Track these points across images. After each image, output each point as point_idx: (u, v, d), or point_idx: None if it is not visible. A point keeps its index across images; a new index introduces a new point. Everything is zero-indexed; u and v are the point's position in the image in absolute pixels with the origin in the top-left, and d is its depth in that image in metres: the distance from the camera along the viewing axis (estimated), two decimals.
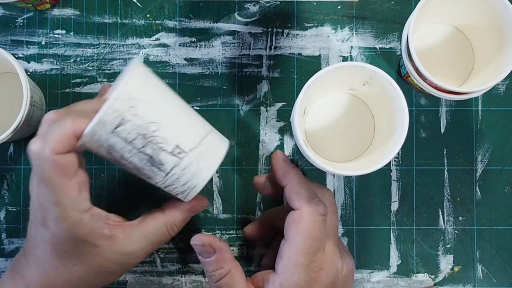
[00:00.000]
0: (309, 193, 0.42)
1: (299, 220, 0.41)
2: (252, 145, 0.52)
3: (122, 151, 0.39)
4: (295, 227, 0.41)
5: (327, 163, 0.45)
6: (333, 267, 0.42)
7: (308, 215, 0.41)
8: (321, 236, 0.42)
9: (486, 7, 0.45)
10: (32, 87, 0.47)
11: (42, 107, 0.51)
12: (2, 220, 0.52)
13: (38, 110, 0.49)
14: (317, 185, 0.46)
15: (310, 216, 0.41)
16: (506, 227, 0.52)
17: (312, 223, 0.41)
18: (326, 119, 0.50)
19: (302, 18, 0.53)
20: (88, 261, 0.41)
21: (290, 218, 0.42)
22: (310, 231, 0.41)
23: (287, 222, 0.42)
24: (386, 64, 0.52)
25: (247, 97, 0.52)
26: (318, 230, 0.41)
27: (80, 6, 0.52)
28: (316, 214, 0.41)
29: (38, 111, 0.49)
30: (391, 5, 0.53)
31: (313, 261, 0.41)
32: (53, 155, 0.37)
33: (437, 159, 0.52)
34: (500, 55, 0.45)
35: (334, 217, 0.45)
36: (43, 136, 0.38)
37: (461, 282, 0.52)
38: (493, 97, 0.52)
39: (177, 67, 0.52)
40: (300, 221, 0.41)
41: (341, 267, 0.43)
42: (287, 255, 0.42)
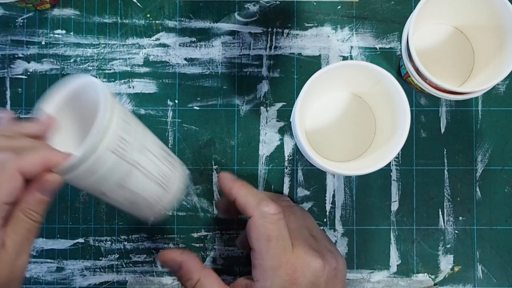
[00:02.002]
0: (256, 199, 0.43)
1: (254, 225, 0.42)
2: (252, 145, 0.52)
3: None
4: (254, 234, 0.42)
5: (328, 162, 0.45)
6: (308, 267, 0.42)
7: (260, 218, 0.42)
8: (281, 236, 0.42)
9: (486, 7, 0.45)
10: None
11: None
12: None
13: None
14: (272, 194, 0.48)
15: (261, 219, 0.42)
16: (506, 227, 0.52)
17: (266, 225, 0.41)
18: (327, 118, 0.50)
19: (302, 18, 0.53)
20: None
21: (248, 228, 0.43)
22: (267, 232, 0.41)
23: (247, 232, 0.43)
24: (386, 64, 0.52)
25: (247, 97, 0.52)
26: (275, 230, 0.41)
27: (80, 6, 0.52)
28: (268, 215, 0.42)
29: None
30: (391, 5, 0.53)
31: (283, 263, 0.41)
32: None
33: (437, 159, 0.52)
34: (500, 55, 0.45)
35: (293, 218, 0.45)
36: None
37: (461, 282, 0.52)
38: (493, 97, 0.52)
39: (177, 67, 0.52)
40: (255, 226, 0.42)
41: (321, 266, 0.43)
42: (257, 263, 0.42)
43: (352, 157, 0.50)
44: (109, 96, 0.38)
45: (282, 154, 0.52)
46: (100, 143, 0.37)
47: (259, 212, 0.42)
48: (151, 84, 0.52)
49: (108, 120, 0.37)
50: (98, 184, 0.39)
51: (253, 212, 0.42)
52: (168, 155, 0.43)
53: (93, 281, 0.52)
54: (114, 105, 0.38)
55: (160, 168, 0.42)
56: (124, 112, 0.40)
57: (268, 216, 0.42)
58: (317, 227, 0.48)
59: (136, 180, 0.40)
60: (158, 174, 0.42)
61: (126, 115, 0.40)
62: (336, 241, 0.52)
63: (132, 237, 0.52)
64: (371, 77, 0.44)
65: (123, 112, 0.39)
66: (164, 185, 0.42)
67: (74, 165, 0.37)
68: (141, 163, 0.40)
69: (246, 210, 0.43)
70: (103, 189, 0.40)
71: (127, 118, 0.40)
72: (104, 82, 0.52)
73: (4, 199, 0.35)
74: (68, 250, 0.52)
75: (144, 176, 0.41)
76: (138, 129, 0.40)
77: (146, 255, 0.52)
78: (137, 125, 0.41)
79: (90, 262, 0.52)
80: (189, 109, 0.52)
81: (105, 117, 0.37)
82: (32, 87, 0.52)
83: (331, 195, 0.52)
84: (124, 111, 0.40)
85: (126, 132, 0.39)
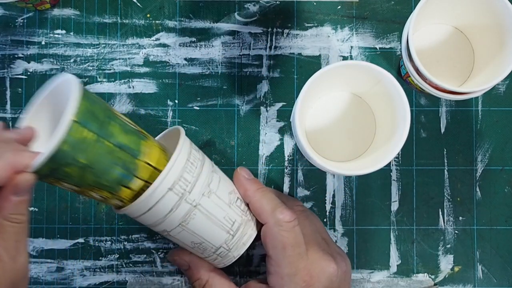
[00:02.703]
0: (271, 205, 0.42)
1: (269, 233, 0.42)
2: (252, 145, 0.52)
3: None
4: (270, 241, 0.42)
5: (328, 162, 0.45)
6: (323, 272, 0.42)
7: (275, 226, 0.42)
8: (297, 243, 0.42)
9: (486, 7, 0.45)
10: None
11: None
12: None
13: None
14: (284, 196, 0.47)
15: (277, 227, 0.41)
16: (506, 227, 0.52)
17: (282, 232, 0.41)
18: (327, 118, 0.50)
19: (302, 18, 0.53)
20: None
21: (263, 234, 0.43)
22: (283, 240, 0.41)
23: (262, 239, 0.43)
24: (386, 64, 0.52)
25: (247, 97, 0.52)
26: (291, 237, 0.41)
27: (80, 6, 0.52)
28: (283, 223, 0.41)
29: None
30: (391, 5, 0.53)
31: (299, 270, 0.41)
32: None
33: (437, 159, 0.52)
34: (500, 55, 0.45)
35: (308, 223, 0.45)
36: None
37: (461, 282, 0.52)
38: (493, 97, 0.52)
39: (177, 67, 0.52)
40: (270, 234, 0.42)
41: (335, 271, 0.43)
42: (273, 270, 0.42)
43: (352, 157, 0.50)
44: (186, 140, 0.41)
45: (282, 154, 0.52)
46: (161, 183, 0.38)
47: (274, 220, 0.42)
48: (151, 84, 0.52)
49: (176, 161, 0.39)
50: (164, 223, 0.40)
51: (268, 219, 0.42)
52: (241, 201, 0.43)
53: (93, 281, 0.52)
54: (186, 146, 0.40)
55: (228, 213, 0.42)
56: (190, 152, 0.41)
57: (283, 224, 0.41)
58: (325, 230, 0.49)
59: (196, 221, 0.41)
60: (224, 219, 0.42)
61: (192, 155, 0.41)
62: (336, 241, 0.52)
63: (132, 237, 0.52)
64: (371, 77, 0.44)
65: (189, 153, 0.40)
66: (233, 231, 0.42)
67: (140, 203, 0.39)
68: (203, 204, 0.40)
69: (261, 216, 0.43)
70: (170, 228, 0.41)
71: (193, 158, 0.41)
72: (104, 83, 0.52)
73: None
74: (68, 250, 0.52)
75: (205, 218, 0.41)
76: (203, 171, 0.41)
77: (146, 255, 0.52)
78: (201, 167, 0.41)
79: (90, 262, 0.52)
80: (189, 109, 0.52)
81: (175, 160, 0.39)
82: (32, 87, 0.52)
83: (331, 195, 0.52)
84: (190, 151, 0.41)
85: (188, 171, 0.40)
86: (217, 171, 0.43)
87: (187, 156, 0.40)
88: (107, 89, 0.52)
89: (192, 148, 0.42)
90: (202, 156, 0.42)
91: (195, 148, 0.42)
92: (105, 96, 0.52)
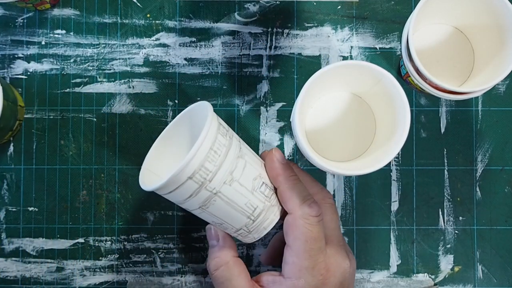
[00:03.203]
0: (301, 196, 0.42)
1: (294, 224, 0.42)
2: (252, 145, 0.52)
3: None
4: (292, 232, 0.42)
5: (328, 162, 0.45)
6: (339, 267, 0.43)
7: (301, 218, 0.41)
8: (319, 237, 0.42)
9: (486, 7, 0.45)
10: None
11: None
12: (2, 220, 0.52)
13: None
14: (317, 186, 0.46)
15: (303, 219, 0.41)
16: (506, 227, 0.52)
17: (307, 226, 0.41)
18: (327, 118, 0.50)
19: (302, 18, 0.53)
20: None
21: (286, 223, 0.43)
22: (307, 233, 0.41)
23: (285, 228, 0.43)
24: (386, 64, 0.52)
25: (247, 97, 0.52)
26: (315, 231, 0.41)
27: (80, 6, 0.52)
28: (309, 217, 0.41)
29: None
30: (391, 5, 0.53)
31: (318, 263, 0.41)
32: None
33: (437, 159, 0.52)
34: (500, 55, 0.45)
35: (335, 217, 0.45)
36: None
37: (461, 282, 0.52)
38: (493, 97, 0.52)
39: (177, 67, 0.52)
40: (295, 225, 0.42)
41: (348, 267, 0.43)
42: (291, 260, 0.42)
43: (352, 157, 0.50)
44: (213, 124, 0.41)
45: None
46: (182, 171, 0.39)
47: (301, 212, 0.42)
48: (151, 84, 0.52)
49: (197, 150, 0.39)
50: (185, 205, 0.42)
51: (295, 210, 0.42)
52: (265, 187, 0.43)
53: (93, 281, 0.52)
54: (210, 134, 0.40)
55: (249, 200, 0.42)
56: (214, 141, 0.40)
57: (309, 218, 0.41)
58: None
59: (216, 207, 0.41)
60: (245, 205, 0.42)
61: (217, 143, 0.41)
62: None
63: (132, 237, 0.52)
64: (371, 77, 0.44)
65: (213, 141, 0.40)
66: (254, 217, 0.42)
67: (161, 187, 0.40)
68: (224, 192, 0.41)
69: (287, 204, 0.42)
70: (191, 208, 0.42)
71: (217, 146, 0.40)
72: (104, 83, 0.52)
73: None
74: (68, 250, 0.52)
75: (225, 205, 0.41)
76: (226, 159, 0.41)
77: (146, 255, 0.52)
78: (226, 155, 0.41)
79: (90, 262, 0.52)
80: None
81: (196, 150, 0.39)
82: (32, 87, 0.52)
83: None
84: (215, 139, 0.41)
85: (210, 161, 0.40)
86: (244, 155, 0.42)
87: (211, 144, 0.40)
88: (107, 89, 0.52)
89: (219, 132, 0.41)
90: (229, 140, 0.42)
91: (223, 131, 0.42)
92: (105, 96, 0.52)
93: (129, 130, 0.52)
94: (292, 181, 0.43)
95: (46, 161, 0.52)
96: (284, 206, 0.43)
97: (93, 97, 0.52)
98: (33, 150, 0.52)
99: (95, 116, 0.52)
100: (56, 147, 0.52)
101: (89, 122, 0.52)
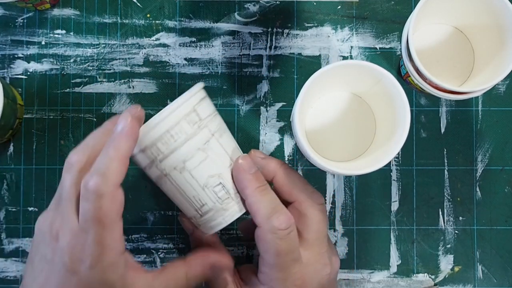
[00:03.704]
0: (269, 209, 0.40)
1: (263, 238, 0.40)
2: (252, 145, 0.52)
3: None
4: (262, 245, 0.41)
5: (328, 162, 0.45)
6: (317, 275, 0.42)
7: (268, 233, 0.40)
8: (291, 249, 0.40)
9: (486, 7, 0.45)
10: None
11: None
12: (2, 220, 0.52)
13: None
14: (306, 191, 0.43)
15: (271, 234, 0.40)
16: (506, 227, 0.52)
17: (275, 240, 0.40)
18: (327, 118, 0.50)
19: (302, 18, 0.53)
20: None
21: (256, 236, 0.41)
22: (275, 247, 0.40)
23: (256, 240, 0.41)
24: (386, 64, 0.52)
25: (247, 97, 0.52)
26: (284, 245, 0.40)
27: (80, 6, 0.52)
28: (278, 231, 0.39)
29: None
30: (391, 5, 0.53)
31: (291, 275, 0.40)
32: (114, 190, 0.36)
33: (437, 159, 0.52)
34: (500, 55, 0.45)
35: (322, 223, 0.43)
36: (96, 171, 0.36)
37: (461, 282, 0.52)
38: (493, 97, 0.52)
39: (177, 67, 0.52)
40: (264, 239, 0.40)
41: (327, 274, 0.42)
42: (263, 270, 0.41)
43: (352, 157, 0.50)
44: (182, 108, 0.40)
45: (282, 154, 0.52)
46: (142, 140, 0.39)
47: (269, 226, 0.40)
48: (151, 84, 0.52)
49: (159, 123, 0.39)
50: (147, 174, 0.42)
51: (262, 224, 0.40)
52: (222, 188, 0.41)
53: None
54: (172, 118, 0.39)
55: (199, 194, 0.41)
56: (175, 125, 0.39)
57: (278, 232, 0.40)
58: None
59: (167, 187, 0.41)
60: (193, 198, 0.41)
61: (177, 128, 0.39)
62: (336, 241, 0.52)
63: (132, 237, 0.52)
64: (371, 77, 0.44)
65: (173, 125, 0.39)
66: (201, 212, 0.42)
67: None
68: (173, 177, 0.41)
69: (255, 218, 0.41)
70: (152, 179, 0.42)
71: (175, 131, 0.39)
72: (104, 83, 0.52)
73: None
74: None
75: (175, 189, 0.41)
76: (183, 147, 0.40)
77: (146, 255, 0.52)
78: (183, 142, 0.40)
79: None
80: None
81: (159, 118, 0.39)
82: (32, 87, 0.52)
83: (331, 195, 0.52)
84: (176, 124, 0.39)
85: (164, 143, 0.39)
86: (208, 150, 0.41)
87: (168, 127, 0.39)
88: (107, 89, 0.52)
89: (186, 119, 0.40)
90: (196, 129, 0.40)
91: (193, 119, 0.40)
92: (105, 96, 0.52)
93: None
94: (259, 193, 0.41)
95: (46, 161, 0.52)
96: (253, 219, 0.41)
97: (93, 97, 0.52)
98: (33, 150, 0.52)
99: (95, 116, 0.52)
100: (56, 147, 0.52)
101: (89, 122, 0.52)
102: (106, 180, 0.35)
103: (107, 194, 0.35)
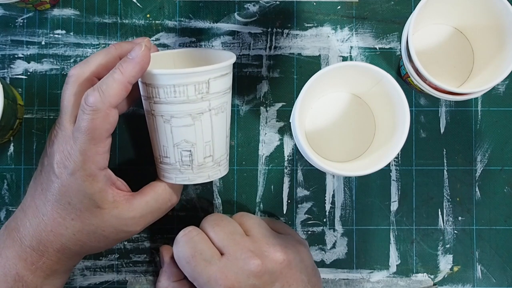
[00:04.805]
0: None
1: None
2: (252, 145, 0.52)
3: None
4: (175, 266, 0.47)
5: (327, 163, 0.45)
6: (242, 270, 0.42)
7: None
8: (197, 252, 0.43)
9: (486, 7, 0.45)
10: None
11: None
12: (2, 220, 0.52)
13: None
14: (278, 225, 0.49)
15: (175, 253, 0.45)
16: (506, 227, 0.52)
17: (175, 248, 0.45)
18: (327, 119, 0.50)
19: (302, 18, 0.53)
20: (86, 219, 0.42)
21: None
22: (176, 254, 0.45)
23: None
24: (386, 64, 0.53)
25: (247, 97, 0.52)
26: (186, 251, 0.44)
27: (80, 6, 0.52)
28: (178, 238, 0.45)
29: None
30: (391, 5, 0.53)
31: (211, 275, 0.43)
32: (109, 109, 0.39)
33: (436, 159, 0.52)
34: (500, 55, 0.45)
35: (263, 224, 0.47)
36: (98, 88, 0.40)
37: (460, 282, 0.52)
38: (493, 97, 0.53)
39: None
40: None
41: (257, 266, 0.42)
42: (191, 280, 0.44)
43: (352, 157, 0.50)
44: (194, 75, 0.42)
45: (282, 154, 0.52)
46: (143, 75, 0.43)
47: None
48: None
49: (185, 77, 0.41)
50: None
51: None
52: (189, 159, 0.44)
53: (93, 281, 0.52)
54: (184, 77, 0.41)
55: (168, 147, 0.44)
56: (180, 84, 0.41)
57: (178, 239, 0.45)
58: (259, 223, 0.47)
59: (149, 123, 0.45)
60: (162, 145, 0.44)
61: (181, 88, 0.42)
62: (336, 241, 0.52)
63: (132, 237, 0.52)
64: (370, 77, 0.44)
65: (179, 83, 0.41)
66: (161, 159, 0.45)
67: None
68: (157, 120, 0.43)
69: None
70: (144, 106, 0.45)
71: (179, 90, 0.42)
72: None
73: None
74: None
75: (153, 129, 0.44)
76: (174, 106, 0.42)
77: (146, 255, 0.52)
78: (177, 103, 0.42)
79: (90, 262, 0.52)
80: None
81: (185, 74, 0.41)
82: (32, 87, 0.52)
83: (330, 195, 0.52)
84: (184, 84, 0.42)
85: (163, 92, 0.42)
86: (199, 120, 0.43)
87: (176, 83, 0.41)
88: None
89: (196, 86, 0.42)
90: (198, 98, 0.42)
91: (200, 90, 0.42)
92: None
93: (129, 130, 0.52)
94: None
95: None
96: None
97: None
98: (33, 150, 0.52)
99: None
100: None
101: None
102: (104, 98, 0.39)
103: (101, 110, 0.39)
